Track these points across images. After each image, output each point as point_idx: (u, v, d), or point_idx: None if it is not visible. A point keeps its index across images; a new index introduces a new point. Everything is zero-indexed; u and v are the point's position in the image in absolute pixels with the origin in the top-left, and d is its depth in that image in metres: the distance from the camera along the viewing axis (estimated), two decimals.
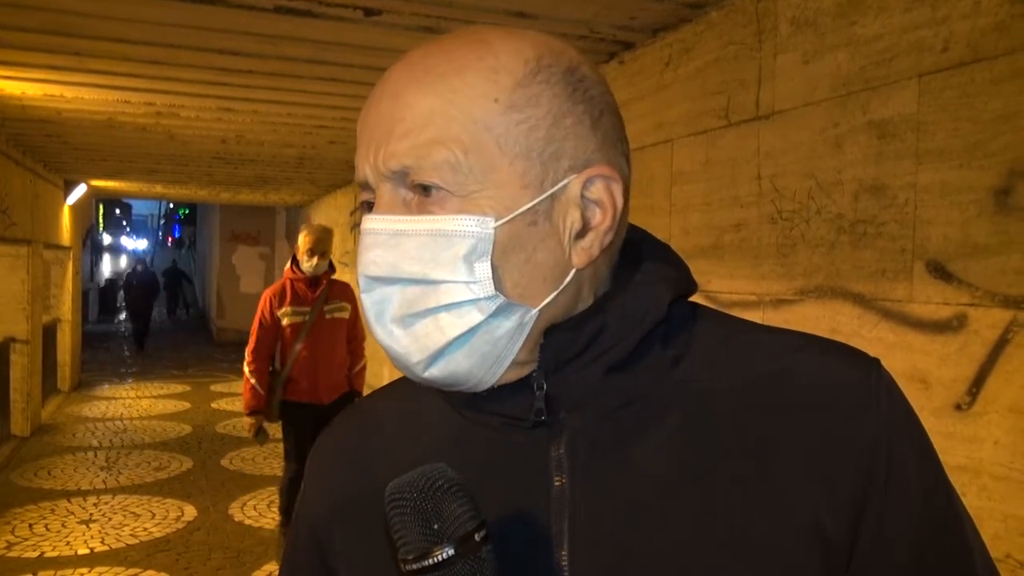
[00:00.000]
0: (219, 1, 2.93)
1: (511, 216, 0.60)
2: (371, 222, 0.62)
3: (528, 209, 0.60)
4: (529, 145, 0.60)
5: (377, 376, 7.83)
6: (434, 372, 0.62)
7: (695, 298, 0.71)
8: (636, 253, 0.68)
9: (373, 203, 0.64)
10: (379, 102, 0.62)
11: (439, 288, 0.60)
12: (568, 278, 0.63)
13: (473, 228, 0.59)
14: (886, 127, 2.11)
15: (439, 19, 3.05)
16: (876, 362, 0.65)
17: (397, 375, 0.73)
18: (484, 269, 0.60)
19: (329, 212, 10.51)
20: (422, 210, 0.61)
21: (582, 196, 0.63)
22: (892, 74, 2.09)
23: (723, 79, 2.75)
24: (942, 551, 0.63)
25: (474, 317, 0.60)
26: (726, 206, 2.74)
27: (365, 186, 0.64)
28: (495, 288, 0.60)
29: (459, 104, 0.60)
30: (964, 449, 1.87)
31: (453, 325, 0.60)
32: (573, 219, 0.62)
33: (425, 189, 0.60)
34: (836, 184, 2.27)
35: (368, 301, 0.62)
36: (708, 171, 2.83)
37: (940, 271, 1.96)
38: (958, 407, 1.90)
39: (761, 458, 0.61)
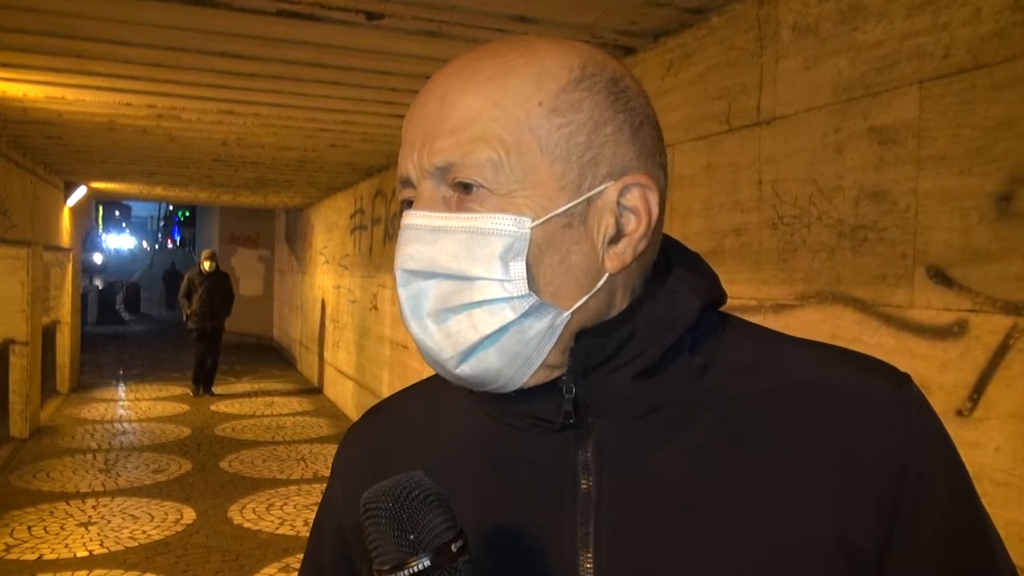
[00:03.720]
0: (221, 4, 2.94)
1: (548, 217, 0.61)
2: (411, 218, 0.63)
3: (564, 211, 0.62)
4: (569, 149, 0.62)
5: (377, 379, 7.82)
6: (465, 369, 0.62)
7: None
8: (666, 261, 0.69)
9: (410, 200, 0.65)
10: (426, 103, 0.64)
11: (474, 285, 0.61)
12: (600, 282, 0.63)
13: (510, 227, 0.60)
14: (887, 133, 2.12)
15: (441, 23, 3.05)
16: (906, 376, 0.65)
17: (399, 382, 0.73)
18: (519, 268, 0.61)
19: (329, 215, 10.51)
20: (461, 208, 0.62)
21: (618, 203, 0.64)
22: (893, 80, 2.10)
23: (724, 84, 2.76)
24: (971, 560, 0.64)
25: (507, 315, 0.61)
26: (727, 211, 2.74)
27: (407, 183, 0.65)
28: (528, 287, 0.61)
29: (504, 105, 0.61)
30: (965, 455, 1.85)
31: (485, 322, 0.61)
32: (607, 224, 0.63)
33: (466, 187, 0.61)
34: (837, 189, 2.27)
35: (404, 295, 0.63)
36: (709, 176, 2.83)
37: (941, 277, 1.97)
38: (959, 413, 1.90)
39: (788, 469, 0.62)
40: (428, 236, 0.62)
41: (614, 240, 0.64)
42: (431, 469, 0.60)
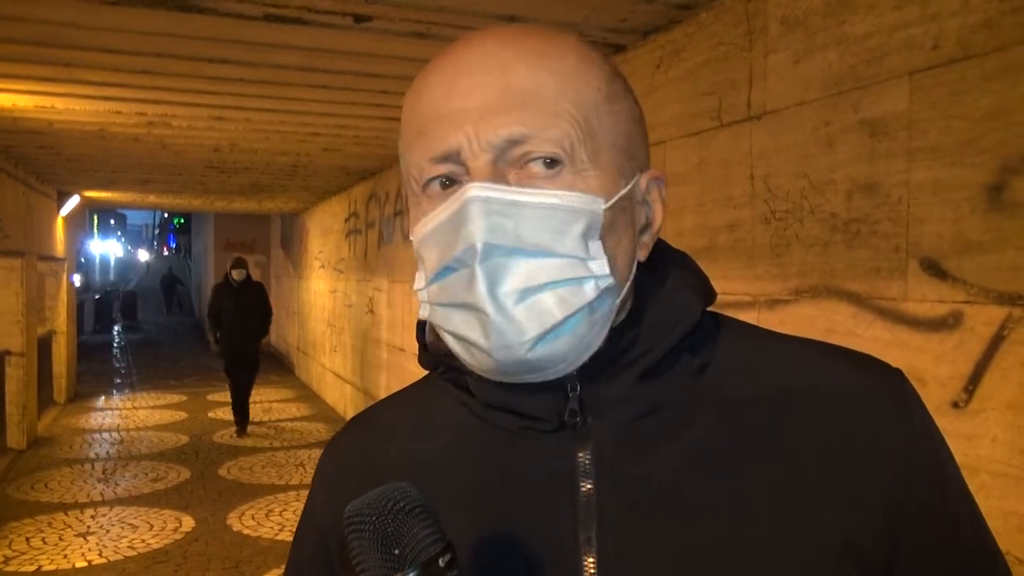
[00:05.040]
0: (208, 10, 2.92)
1: (615, 199, 0.61)
2: (480, 190, 0.58)
3: (623, 195, 0.62)
4: (618, 137, 0.63)
5: (374, 383, 7.81)
6: (537, 352, 0.58)
7: None
8: (657, 259, 0.69)
9: (451, 177, 0.61)
10: (472, 73, 0.60)
11: (561, 262, 0.58)
12: (633, 270, 0.65)
13: (588, 206, 0.59)
14: (878, 125, 2.11)
15: (430, 24, 3.05)
16: (900, 373, 0.65)
17: (397, 384, 0.71)
18: (598, 247, 0.59)
19: (324, 219, 10.50)
20: (528, 184, 0.59)
21: (643, 195, 0.66)
22: (883, 72, 2.09)
23: (714, 80, 2.75)
24: (968, 548, 0.65)
25: (588, 295, 0.59)
26: (719, 207, 2.73)
27: (449, 158, 0.60)
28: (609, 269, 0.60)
29: (574, 85, 0.61)
30: (962, 447, 1.86)
31: (568, 303, 0.58)
32: (641, 214, 0.65)
33: (548, 163, 0.59)
34: (829, 183, 2.27)
35: (481, 271, 0.57)
36: (701, 172, 2.83)
37: (934, 269, 1.96)
38: (955, 405, 1.89)
39: (789, 469, 0.61)
40: (507, 209, 0.57)
41: (643, 230, 0.65)
42: (420, 478, 0.58)
